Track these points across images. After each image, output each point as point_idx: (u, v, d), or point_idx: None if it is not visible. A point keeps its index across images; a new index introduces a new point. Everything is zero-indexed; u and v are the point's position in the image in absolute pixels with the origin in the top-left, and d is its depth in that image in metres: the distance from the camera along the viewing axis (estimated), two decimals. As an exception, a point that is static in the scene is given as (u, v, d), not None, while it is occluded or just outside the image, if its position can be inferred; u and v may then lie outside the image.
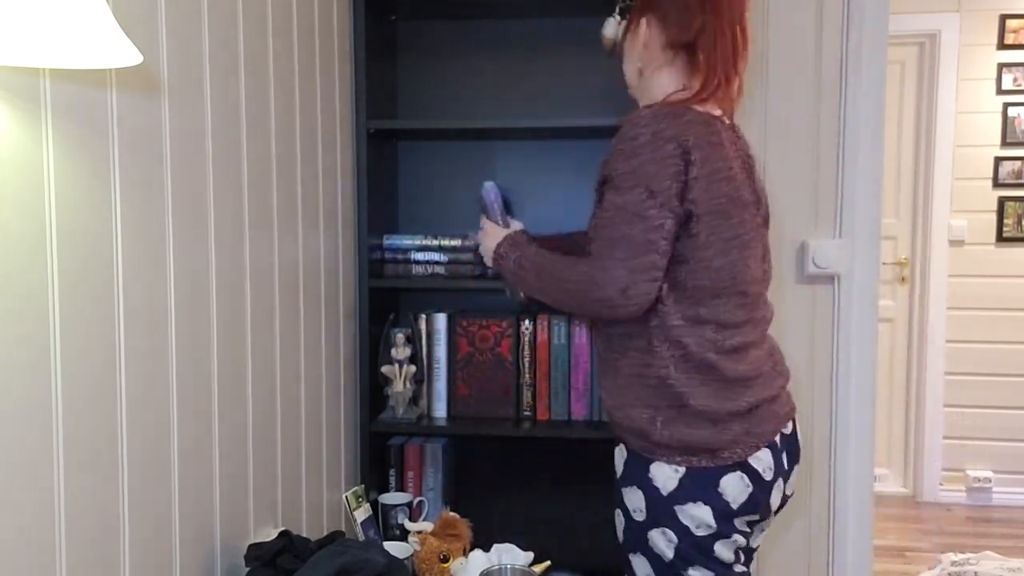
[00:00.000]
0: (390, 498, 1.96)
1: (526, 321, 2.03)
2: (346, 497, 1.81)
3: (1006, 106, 3.75)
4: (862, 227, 2.09)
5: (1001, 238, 3.80)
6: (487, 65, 2.19)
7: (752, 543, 1.40)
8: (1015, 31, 3.73)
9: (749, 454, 1.29)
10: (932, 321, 3.85)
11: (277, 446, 1.51)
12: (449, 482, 2.15)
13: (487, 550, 1.61)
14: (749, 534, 1.34)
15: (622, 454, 1.37)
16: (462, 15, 2.14)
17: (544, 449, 2.23)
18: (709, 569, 1.29)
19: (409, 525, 1.76)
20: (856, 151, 2.07)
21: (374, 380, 2.02)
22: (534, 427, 1.99)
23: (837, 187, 2.11)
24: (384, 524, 1.93)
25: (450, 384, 2.07)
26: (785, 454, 1.35)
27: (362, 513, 1.83)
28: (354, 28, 1.93)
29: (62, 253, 0.88)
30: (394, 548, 1.64)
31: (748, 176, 1.35)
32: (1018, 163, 3.77)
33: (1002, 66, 3.75)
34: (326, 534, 1.49)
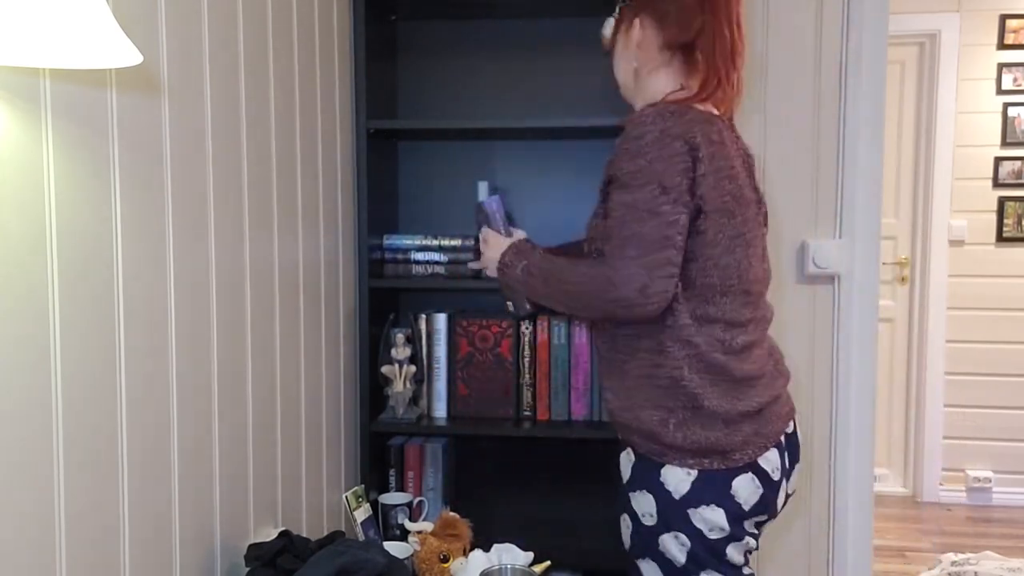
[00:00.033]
0: (390, 498, 1.96)
1: (526, 321, 2.03)
2: (346, 497, 1.81)
3: (1006, 106, 3.75)
4: (862, 227, 2.09)
5: (1001, 238, 3.80)
6: (487, 65, 2.19)
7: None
8: (1015, 31, 3.73)
9: (759, 455, 1.28)
10: (932, 321, 3.85)
11: (277, 446, 1.51)
12: (449, 482, 2.15)
13: (487, 550, 1.61)
14: (758, 536, 1.33)
15: (629, 458, 1.35)
16: (462, 15, 2.14)
17: (544, 449, 2.23)
18: (720, 572, 1.28)
19: (409, 525, 1.76)
20: (856, 151, 2.07)
21: (374, 380, 2.02)
22: (534, 427, 1.99)
23: (837, 187, 2.11)
24: (384, 524, 1.93)
25: (450, 384, 2.07)
26: (787, 454, 1.36)
27: (362, 513, 1.83)
28: (354, 28, 1.93)
29: (62, 253, 0.88)
30: (394, 548, 1.64)
31: (749, 175, 1.36)
32: (1018, 163, 3.77)
33: (1002, 66, 3.75)
34: (326, 534, 1.49)
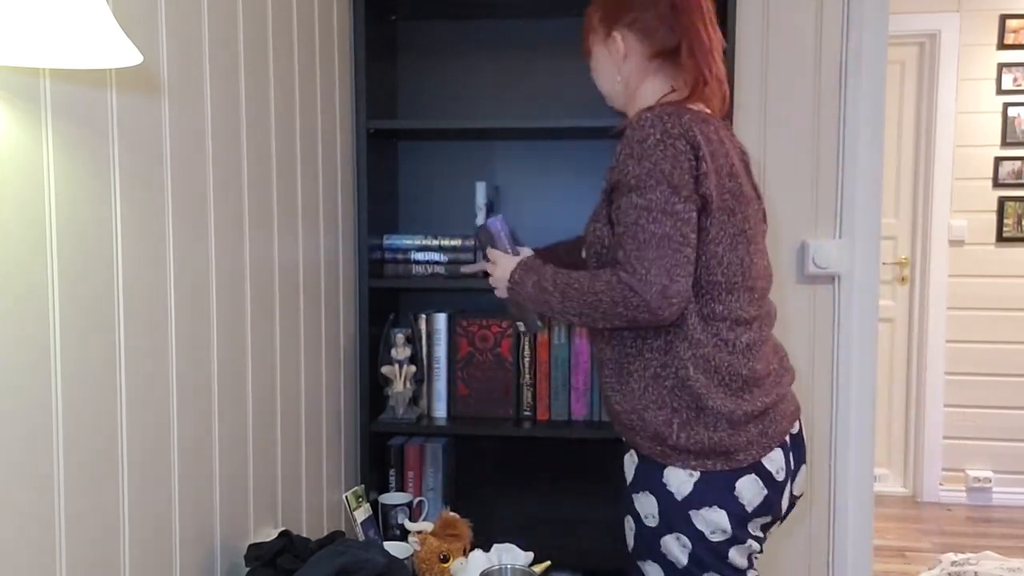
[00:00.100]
0: (390, 498, 1.96)
1: (526, 321, 2.03)
2: (346, 497, 1.81)
3: (1006, 106, 3.75)
4: (862, 227, 2.09)
5: (1001, 238, 3.80)
6: (487, 65, 2.19)
7: None
8: (1015, 31, 3.73)
9: (763, 455, 1.28)
10: (932, 321, 3.85)
11: (277, 446, 1.51)
12: (449, 482, 2.15)
13: (487, 550, 1.61)
14: (763, 539, 1.33)
15: (632, 460, 1.35)
16: (462, 15, 2.14)
17: (544, 449, 2.23)
18: (723, 575, 1.27)
19: (409, 525, 1.76)
20: (856, 151, 2.07)
21: (374, 380, 2.02)
22: (534, 427, 1.99)
23: (837, 187, 2.11)
24: (384, 524, 1.93)
25: (450, 384, 2.07)
26: (792, 454, 1.35)
27: (362, 513, 1.83)
28: (354, 28, 1.93)
29: (62, 253, 0.88)
30: (394, 548, 1.64)
31: (746, 172, 1.37)
32: (1018, 163, 3.77)
33: (1002, 66, 3.75)
34: (326, 534, 1.49)
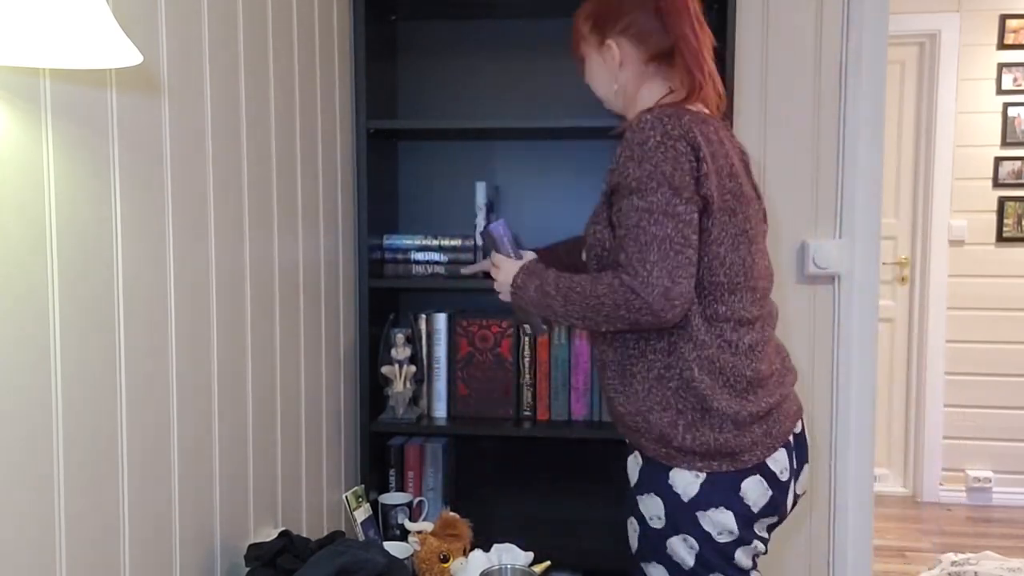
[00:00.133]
0: (390, 498, 1.96)
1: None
2: (346, 497, 1.81)
3: (1006, 106, 3.75)
4: (862, 227, 2.09)
5: (1001, 238, 3.80)
6: (487, 65, 2.19)
7: None
8: (1015, 31, 3.73)
9: (767, 455, 1.28)
10: (932, 321, 3.85)
11: (277, 446, 1.51)
12: (449, 482, 2.15)
13: (487, 550, 1.61)
14: (767, 540, 1.33)
15: (636, 461, 1.34)
16: (462, 15, 2.14)
17: (544, 449, 2.23)
18: None
19: (409, 525, 1.75)
20: (856, 151, 2.07)
21: (374, 380, 2.02)
22: (534, 427, 1.99)
23: (837, 187, 2.11)
24: (384, 524, 1.93)
25: (450, 384, 2.07)
26: (796, 454, 1.35)
27: (362, 513, 1.83)
28: (354, 28, 1.93)
29: (62, 253, 0.88)
30: (394, 548, 1.64)
31: (746, 172, 1.37)
32: (1018, 163, 3.77)
33: (1002, 66, 3.75)
34: (326, 534, 1.49)
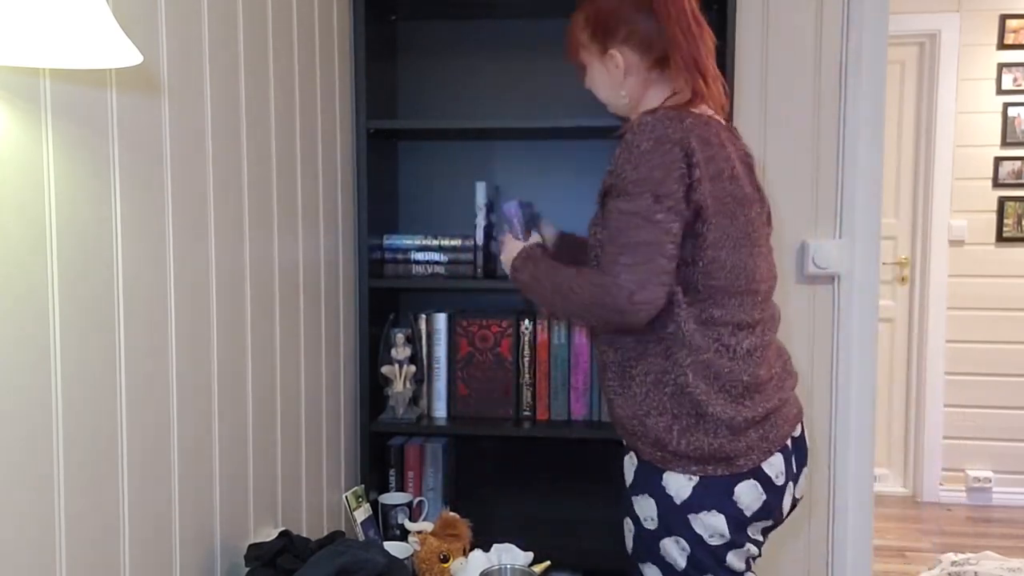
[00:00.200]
0: (390, 498, 1.96)
1: (526, 321, 2.03)
2: (346, 497, 1.81)
3: (1006, 106, 3.75)
4: (862, 227, 2.09)
5: (1001, 238, 3.80)
6: (487, 65, 2.19)
7: None
8: (1015, 31, 3.73)
9: (763, 460, 1.28)
10: (932, 321, 3.85)
11: (277, 446, 1.51)
12: (449, 482, 2.15)
13: (487, 550, 1.61)
14: (762, 543, 1.33)
15: (632, 462, 1.35)
16: (462, 15, 2.14)
17: (544, 449, 2.23)
18: None
19: (409, 525, 1.76)
20: (856, 151, 2.07)
21: (374, 380, 2.02)
22: (534, 427, 1.99)
23: (837, 187, 2.11)
24: (384, 524, 1.93)
25: (450, 384, 2.07)
26: (794, 457, 1.35)
27: (362, 513, 1.83)
28: (354, 28, 1.93)
29: (62, 253, 0.88)
30: (394, 548, 1.64)
31: (748, 175, 1.36)
32: (1018, 163, 3.77)
33: (1002, 66, 3.75)
34: (326, 534, 1.49)
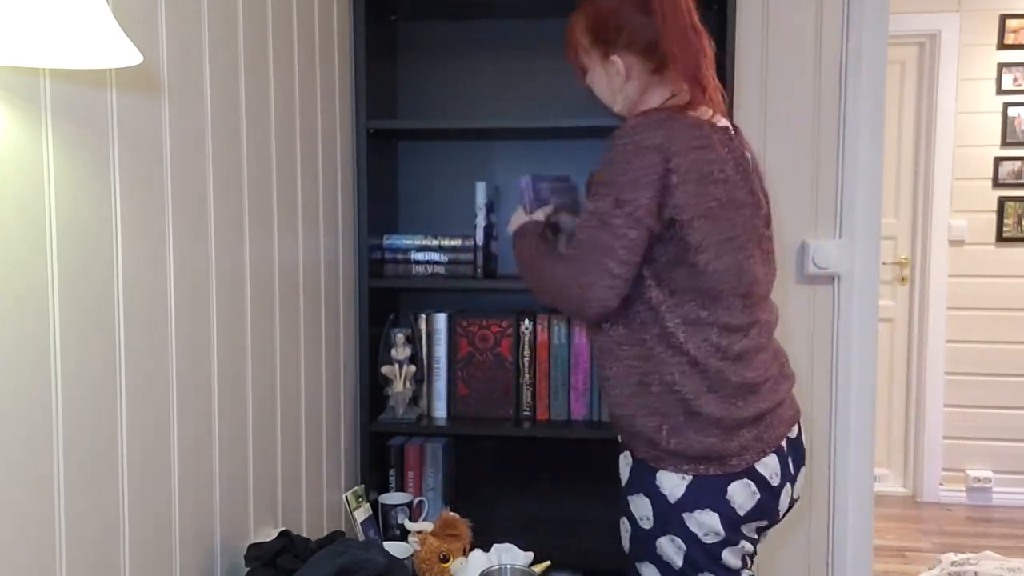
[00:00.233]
0: (390, 498, 1.96)
1: (526, 321, 2.03)
2: (346, 497, 1.81)
3: (1006, 106, 3.75)
4: (862, 227, 2.09)
5: (1001, 238, 3.80)
6: (487, 65, 2.19)
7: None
8: (1015, 31, 3.73)
9: (757, 460, 1.28)
10: (932, 321, 3.85)
11: (277, 446, 1.51)
12: (449, 482, 2.15)
13: (487, 550, 1.61)
14: (757, 540, 1.33)
15: (627, 461, 1.36)
16: (462, 15, 2.14)
17: (544, 449, 2.23)
18: (717, 575, 1.28)
19: (409, 525, 1.76)
20: (856, 151, 2.07)
21: (374, 380, 2.02)
22: (534, 427, 1.99)
23: (837, 187, 2.11)
24: (384, 524, 1.93)
25: (450, 384, 2.07)
26: (791, 458, 1.35)
27: (362, 513, 1.83)
28: (354, 28, 1.93)
29: (62, 253, 0.88)
30: (394, 548, 1.64)
31: (744, 177, 1.33)
32: (1018, 163, 3.77)
33: (1002, 66, 3.75)
34: (326, 534, 1.49)
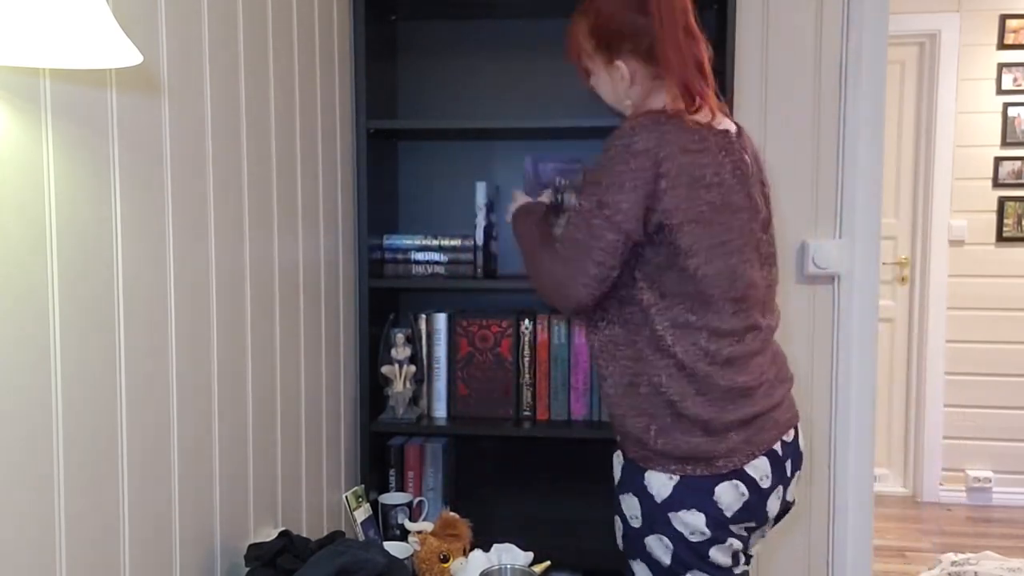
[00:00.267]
0: (390, 498, 1.96)
1: (526, 321, 2.03)
2: (346, 497, 1.81)
3: (1006, 106, 3.75)
4: (862, 227, 2.09)
5: (1001, 238, 3.80)
6: (487, 65, 2.19)
7: (750, 549, 1.40)
8: (1015, 31, 3.73)
9: (746, 463, 1.29)
10: (932, 321, 3.85)
11: (277, 446, 1.51)
12: (449, 482, 2.15)
13: (487, 550, 1.61)
14: (747, 539, 1.33)
15: (619, 460, 1.39)
16: (462, 15, 2.14)
17: (544, 449, 2.23)
18: (707, 573, 1.29)
19: (409, 525, 1.76)
20: (856, 151, 2.07)
21: (374, 380, 2.02)
22: (534, 427, 1.99)
23: (837, 187, 2.11)
24: (384, 524, 1.93)
25: (450, 384, 2.07)
26: (788, 461, 1.35)
27: (362, 513, 1.83)
28: (354, 28, 1.93)
29: (62, 253, 0.88)
30: (394, 548, 1.64)
31: (741, 181, 1.31)
32: (1018, 163, 3.77)
33: (1002, 66, 3.75)
34: (326, 534, 1.49)
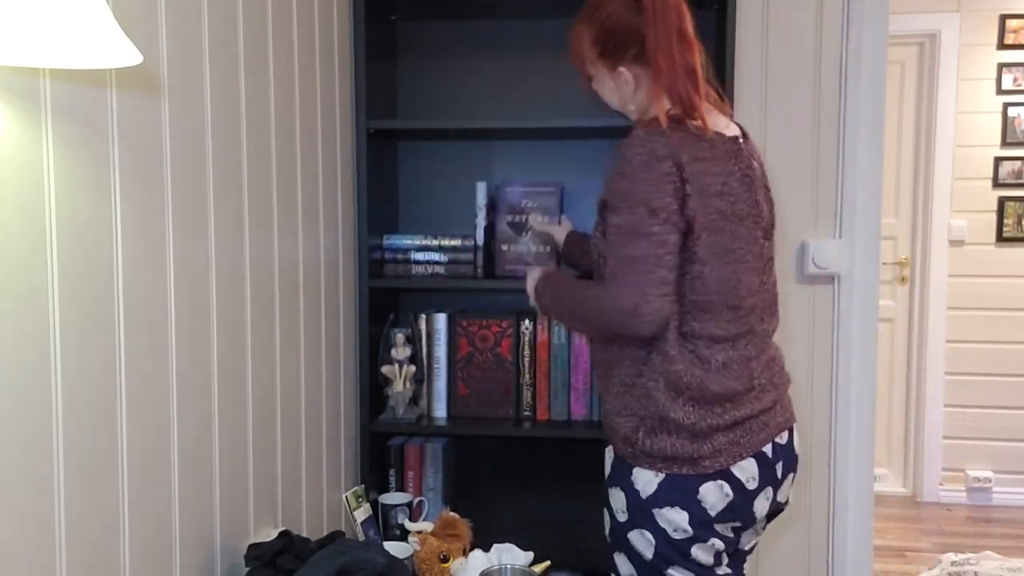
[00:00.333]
0: (390, 498, 1.96)
1: (526, 321, 2.03)
2: (346, 497, 1.81)
3: (1006, 106, 3.75)
4: (862, 227, 2.09)
5: (1001, 238, 3.80)
6: (487, 65, 2.19)
7: (744, 545, 1.40)
8: (1015, 31, 3.73)
9: (732, 464, 1.30)
10: (932, 321, 3.85)
11: (277, 446, 1.51)
12: (449, 482, 2.15)
13: (487, 550, 1.61)
14: (731, 539, 1.34)
15: (610, 456, 1.41)
16: (462, 15, 2.14)
17: (544, 449, 2.23)
18: (688, 570, 1.31)
19: (409, 525, 1.76)
20: (856, 151, 2.07)
21: (374, 380, 2.02)
22: (534, 427, 1.99)
23: (837, 187, 2.11)
24: (384, 524, 1.93)
25: (450, 384, 2.07)
26: (781, 463, 1.36)
27: (362, 513, 1.83)
28: (354, 28, 1.93)
29: (62, 253, 0.88)
30: (394, 548, 1.64)
31: (748, 189, 1.34)
32: (1018, 163, 3.77)
33: (1002, 66, 3.75)
34: (326, 534, 1.49)
